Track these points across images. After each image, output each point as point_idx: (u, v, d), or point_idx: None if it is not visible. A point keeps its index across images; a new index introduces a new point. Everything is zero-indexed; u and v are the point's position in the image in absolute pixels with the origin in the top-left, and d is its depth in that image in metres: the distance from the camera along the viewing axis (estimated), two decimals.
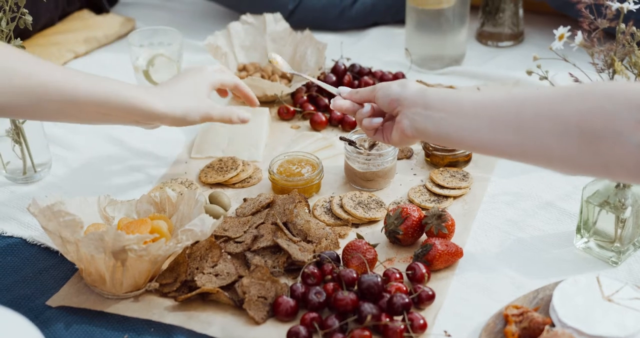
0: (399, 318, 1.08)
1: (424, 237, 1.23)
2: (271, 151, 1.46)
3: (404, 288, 1.11)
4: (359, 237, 1.21)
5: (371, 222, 1.28)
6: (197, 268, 1.14)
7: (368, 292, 1.09)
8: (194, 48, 1.78)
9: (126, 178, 1.40)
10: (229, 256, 1.17)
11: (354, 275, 1.12)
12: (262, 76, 1.59)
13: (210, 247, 1.16)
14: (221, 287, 1.12)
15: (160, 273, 1.15)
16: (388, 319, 1.06)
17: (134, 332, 1.09)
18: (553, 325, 1.05)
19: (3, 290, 1.16)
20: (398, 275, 1.14)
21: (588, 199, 1.17)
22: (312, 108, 1.54)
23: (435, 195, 1.33)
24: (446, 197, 1.32)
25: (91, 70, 1.25)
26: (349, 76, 1.60)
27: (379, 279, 1.09)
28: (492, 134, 1.01)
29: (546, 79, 1.17)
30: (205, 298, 1.13)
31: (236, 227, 1.22)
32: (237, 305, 1.11)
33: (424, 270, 1.14)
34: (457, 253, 1.18)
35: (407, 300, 1.07)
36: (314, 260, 1.16)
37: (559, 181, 1.35)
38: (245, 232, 1.21)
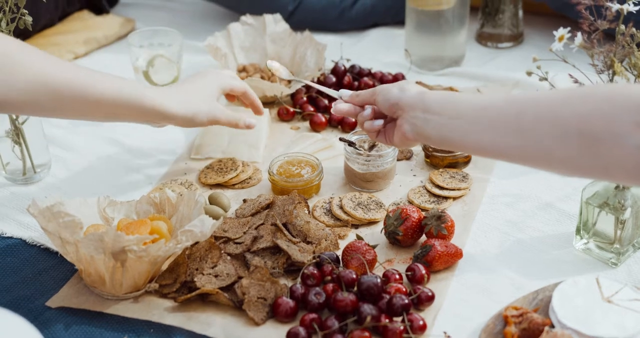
0: (399, 319, 1.08)
1: (423, 238, 1.23)
2: (271, 152, 1.46)
3: (404, 289, 1.11)
4: (359, 238, 1.21)
5: (371, 223, 1.28)
6: (197, 269, 1.14)
7: (368, 293, 1.09)
8: (194, 49, 1.78)
9: (126, 179, 1.40)
10: (228, 257, 1.17)
11: (354, 276, 1.12)
12: (262, 77, 1.60)
13: (209, 247, 1.16)
14: (221, 288, 1.12)
15: (160, 274, 1.15)
16: (387, 320, 1.06)
17: (134, 333, 1.09)
18: (552, 326, 1.05)
19: (2, 291, 1.16)
20: (398, 276, 1.14)
21: (587, 200, 1.17)
22: (312, 109, 1.54)
23: (434, 196, 1.33)
24: (446, 198, 1.32)
25: None
26: (349, 77, 1.60)
27: (378, 280, 1.09)
28: (492, 136, 1.01)
29: (546, 80, 1.17)
30: (205, 299, 1.13)
31: (236, 228, 1.22)
32: (237, 306, 1.11)
33: (423, 271, 1.14)
34: (457, 254, 1.18)
35: (406, 301, 1.07)
36: (314, 261, 1.16)
37: (558, 182, 1.35)
38: (244, 233, 1.21)
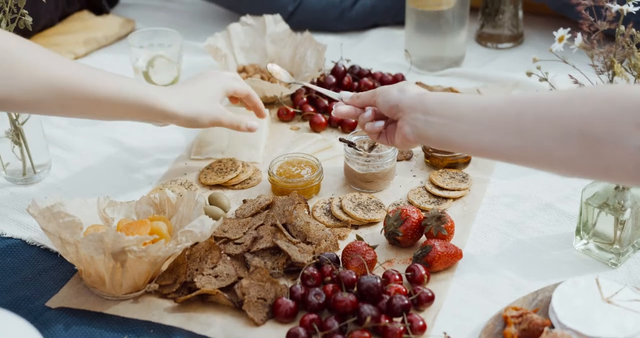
0: (399, 319, 1.08)
1: (423, 238, 1.23)
2: (271, 152, 1.46)
3: (404, 290, 1.11)
4: (359, 238, 1.21)
5: (371, 223, 1.28)
6: (197, 270, 1.14)
7: (367, 293, 1.09)
8: (194, 49, 1.78)
9: (125, 179, 1.40)
10: (228, 257, 1.17)
11: (354, 276, 1.12)
12: (262, 77, 1.60)
13: (209, 248, 1.16)
14: (221, 289, 1.12)
15: (160, 275, 1.15)
16: (387, 321, 1.06)
17: (134, 333, 1.09)
18: (552, 326, 1.05)
19: (2, 292, 1.16)
20: (397, 277, 1.14)
21: (587, 201, 1.17)
22: (312, 109, 1.54)
23: (434, 196, 1.33)
24: (445, 198, 1.32)
25: None
26: (349, 77, 1.60)
27: (378, 281, 1.09)
28: (492, 137, 1.01)
29: (546, 80, 1.17)
30: (205, 300, 1.13)
31: (236, 229, 1.22)
32: (237, 307, 1.11)
33: (423, 272, 1.14)
34: (457, 255, 1.18)
35: (406, 301, 1.07)
36: (314, 261, 1.16)
37: (558, 183, 1.35)
38: (244, 233, 1.21)
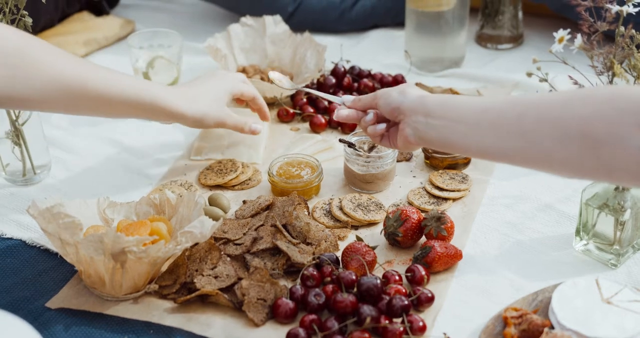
0: (398, 320, 1.08)
1: (423, 239, 1.23)
2: (270, 153, 1.46)
3: (403, 291, 1.11)
4: (359, 239, 1.21)
5: (370, 224, 1.28)
6: (197, 270, 1.14)
7: (367, 294, 1.09)
8: (194, 50, 1.78)
9: (125, 180, 1.40)
10: (228, 258, 1.17)
11: (353, 277, 1.12)
12: (262, 78, 1.59)
13: (209, 249, 1.16)
14: (220, 289, 1.12)
15: (160, 275, 1.15)
16: (387, 321, 1.06)
17: (134, 334, 1.09)
18: (552, 327, 1.05)
19: (2, 292, 1.16)
20: (397, 277, 1.14)
21: (587, 202, 1.17)
22: (312, 110, 1.54)
23: (434, 197, 1.33)
24: (445, 199, 1.32)
25: None
26: (349, 78, 1.60)
27: (378, 281, 1.09)
28: (493, 138, 1.01)
29: (546, 81, 1.17)
30: (205, 300, 1.13)
31: (235, 229, 1.22)
32: (237, 307, 1.11)
33: (423, 273, 1.14)
34: (457, 256, 1.18)
35: (406, 302, 1.07)
36: (314, 262, 1.16)
37: (558, 184, 1.35)
38: (244, 234, 1.21)
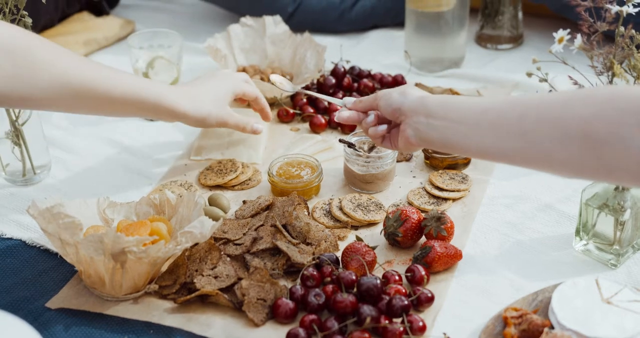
0: (398, 320, 1.08)
1: (423, 239, 1.23)
2: (270, 153, 1.46)
3: (403, 291, 1.11)
4: (358, 239, 1.21)
5: (370, 224, 1.28)
6: (197, 271, 1.14)
7: (367, 294, 1.09)
8: (194, 50, 1.78)
9: (125, 180, 1.40)
10: (228, 258, 1.17)
11: (353, 277, 1.12)
12: (262, 78, 1.59)
13: (209, 249, 1.16)
14: (220, 289, 1.12)
15: (160, 275, 1.15)
16: (387, 321, 1.06)
17: (134, 334, 1.09)
18: (552, 327, 1.05)
19: (2, 292, 1.16)
20: (397, 278, 1.14)
21: (587, 202, 1.17)
22: (312, 110, 1.54)
23: (434, 197, 1.33)
24: (445, 199, 1.32)
25: None
26: (349, 78, 1.60)
27: (378, 281, 1.09)
28: (494, 139, 1.01)
29: (546, 81, 1.17)
30: (205, 301, 1.13)
31: (235, 229, 1.22)
32: (237, 307, 1.11)
33: (423, 273, 1.14)
34: (456, 256, 1.18)
35: (406, 302, 1.07)
36: (313, 262, 1.16)
37: (558, 184, 1.35)
38: (244, 234, 1.21)
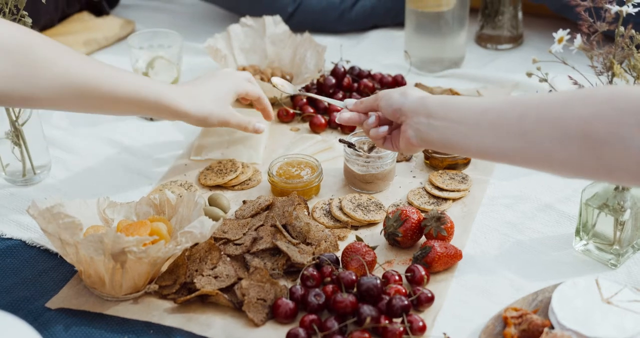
0: (398, 320, 1.08)
1: (423, 239, 1.23)
2: (270, 153, 1.46)
3: (403, 291, 1.11)
4: (358, 239, 1.21)
5: (370, 224, 1.28)
6: (197, 271, 1.14)
7: (367, 294, 1.09)
8: (194, 50, 1.78)
9: (125, 180, 1.40)
10: (228, 258, 1.17)
11: (353, 277, 1.12)
12: (262, 79, 1.60)
13: (209, 249, 1.16)
14: (220, 289, 1.12)
15: (160, 276, 1.15)
16: (387, 321, 1.06)
17: (134, 334, 1.09)
18: (552, 327, 1.05)
19: (2, 293, 1.16)
20: (397, 278, 1.14)
21: (587, 202, 1.17)
22: (312, 110, 1.54)
23: (434, 197, 1.33)
24: (445, 199, 1.32)
25: None
26: (349, 79, 1.60)
27: (378, 281, 1.09)
28: (494, 140, 1.01)
29: (546, 81, 1.17)
30: (205, 301, 1.13)
31: (235, 229, 1.22)
32: (237, 307, 1.11)
33: (423, 273, 1.14)
34: (456, 256, 1.18)
35: (406, 302, 1.07)
36: (313, 262, 1.16)
37: (558, 184, 1.35)
38: (244, 234, 1.21)
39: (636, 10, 1.12)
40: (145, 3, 2.05)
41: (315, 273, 1.13)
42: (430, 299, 1.11)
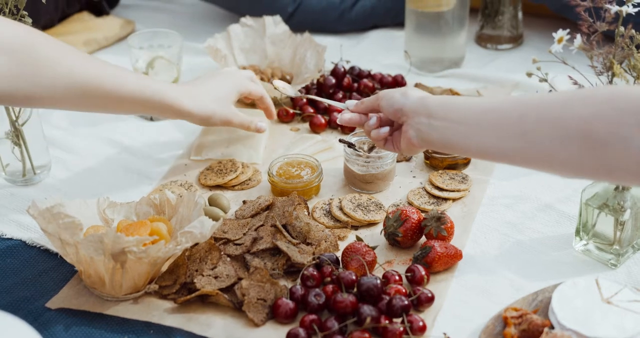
0: (398, 320, 1.08)
1: (423, 239, 1.23)
2: (270, 153, 1.46)
3: (403, 291, 1.11)
4: (358, 239, 1.21)
5: (370, 224, 1.28)
6: (197, 271, 1.14)
7: (367, 294, 1.09)
8: (194, 50, 1.78)
9: (125, 180, 1.40)
10: (228, 258, 1.17)
11: (353, 277, 1.12)
12: (262, 79, 1.60)
13: (209, 249, 1.16)
14: (220, 289, 1.12)
15: (160, 276, 1.15)
16: (387, 321, 1.06)
17: (134, 334, 1.09)
18: (552, 327, 1.05)
19: (2, 293, 1.16)
20: (397, 278, 1.14)
21: (587, 202, 1.17)
22: (312, 110, 1.54)
23: (434, 197, 1.33)
24: (445, 199, 1.32)
25: None
26: (349, 79, 1.60)
27: (378, 281, 1.09)
28: (494, 140, 1.01)
29: (546, 81, 1.17)
30: (205, 301, 1.13)
31: (235, 229, 1.22)
32: (237, 307, 1.11)
33: (423, 273, 1.14)
34: (457, 256, 1.18)
35: (406, 302, 1.07)
36: (314, 262, 1.16)
37: (558, 184, 1.35)
38: (244, 234, 1.21)
39: (636, 10, 1.12)
40: (145, 3, 2.05)
41: (315, 273, 1.13)
42: (431, 299, 1.11)
